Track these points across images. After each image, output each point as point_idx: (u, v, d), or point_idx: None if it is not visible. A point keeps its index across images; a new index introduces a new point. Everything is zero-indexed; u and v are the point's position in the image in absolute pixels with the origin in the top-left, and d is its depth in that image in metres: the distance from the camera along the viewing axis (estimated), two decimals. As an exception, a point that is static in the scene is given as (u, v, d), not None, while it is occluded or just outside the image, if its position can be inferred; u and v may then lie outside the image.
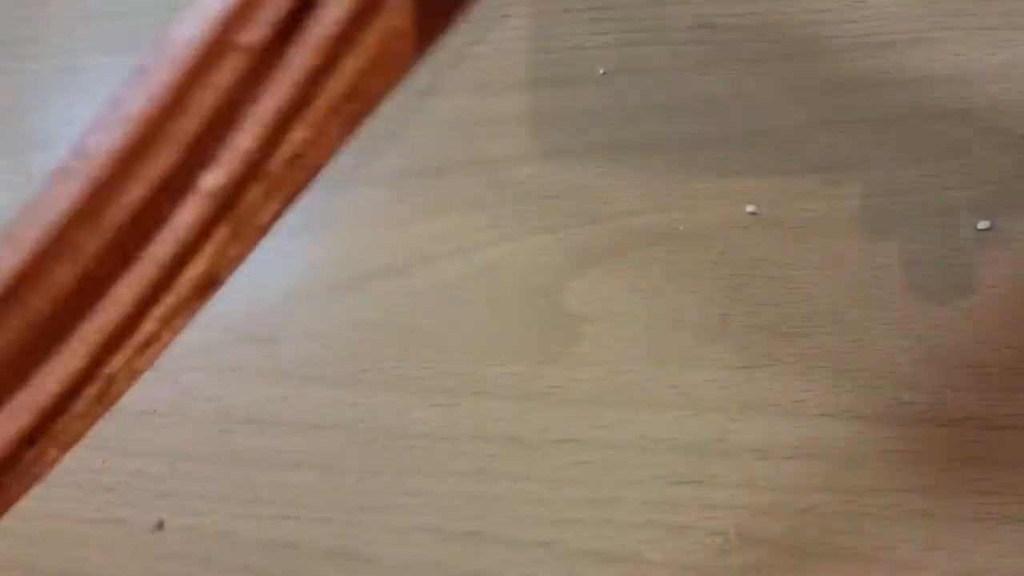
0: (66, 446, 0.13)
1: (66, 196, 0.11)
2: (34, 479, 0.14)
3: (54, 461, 0.14)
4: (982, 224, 0.27)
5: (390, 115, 0.31)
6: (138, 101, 0.11)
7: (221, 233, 0.12)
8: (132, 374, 0.13)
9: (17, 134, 0.33)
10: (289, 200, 0.12)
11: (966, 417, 0.26)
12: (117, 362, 0.13)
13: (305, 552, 0.28)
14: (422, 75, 0.31)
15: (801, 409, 0.27)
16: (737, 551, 0.26)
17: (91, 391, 0.13)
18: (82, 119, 0.37)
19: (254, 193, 0.12)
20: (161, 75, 0.11)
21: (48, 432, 0.13)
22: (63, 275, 0.11)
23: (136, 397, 0.32)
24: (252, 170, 0.11)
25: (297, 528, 0.28)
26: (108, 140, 0.11)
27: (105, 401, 0.13)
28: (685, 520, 0.27)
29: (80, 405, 0.13)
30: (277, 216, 0.12)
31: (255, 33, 0.11)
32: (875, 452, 0.26)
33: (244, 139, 0.11)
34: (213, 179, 0.11)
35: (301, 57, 0.11)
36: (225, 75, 0.11)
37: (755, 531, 0.26)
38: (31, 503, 0.32)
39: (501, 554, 0.27)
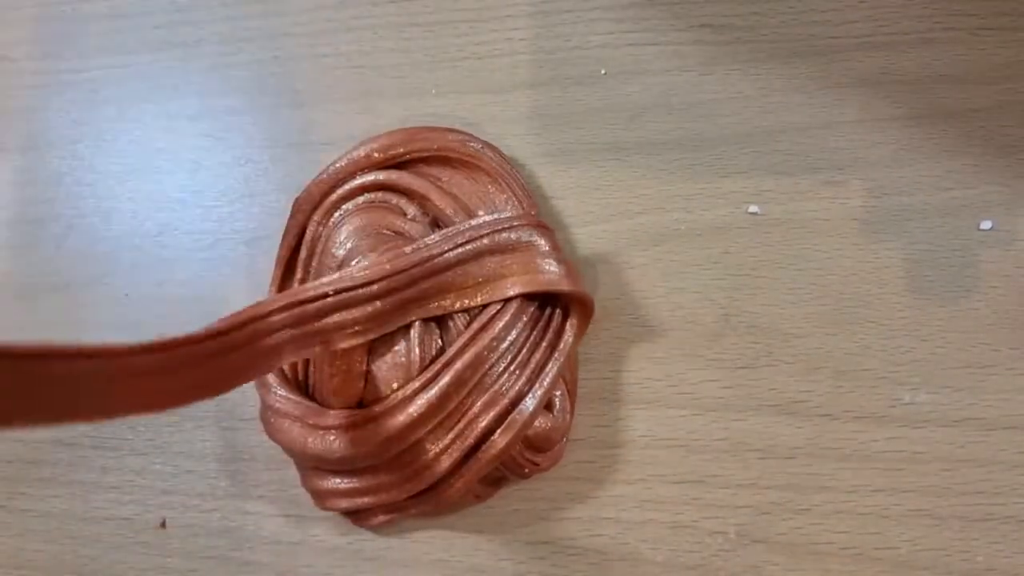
0: None
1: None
2: None
3: None
4: (984, 224, 0.27)
5: (391, 115, 0.31)
6: None
7: None
8: None
9: (19, 135, 0.33)
10: None
11: (967, 417, 0.26)
12: None
13: (309, 549, 0.28)
14: (421, 75, 0.31)
15: (802, 409, 0.27)
16: (737, 550, 0.26)
17: None
18: (84, 120, 0.37)
19: None
20: None
21: None
22: None
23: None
24: None
25: (300, 526, 0.28)
26: None
27: None
28: (685, 519, 0.27)
29: None
30: None
31: None
32: (875, 452, 0.26)
33: None
34: None
35: None
36: None
37: (755, 531, 0.26)
38: (35, 502, 0.32)
39: (500, 552, 0.27)
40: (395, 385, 0.25)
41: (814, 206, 0.28)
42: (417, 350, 0.25)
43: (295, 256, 0.28)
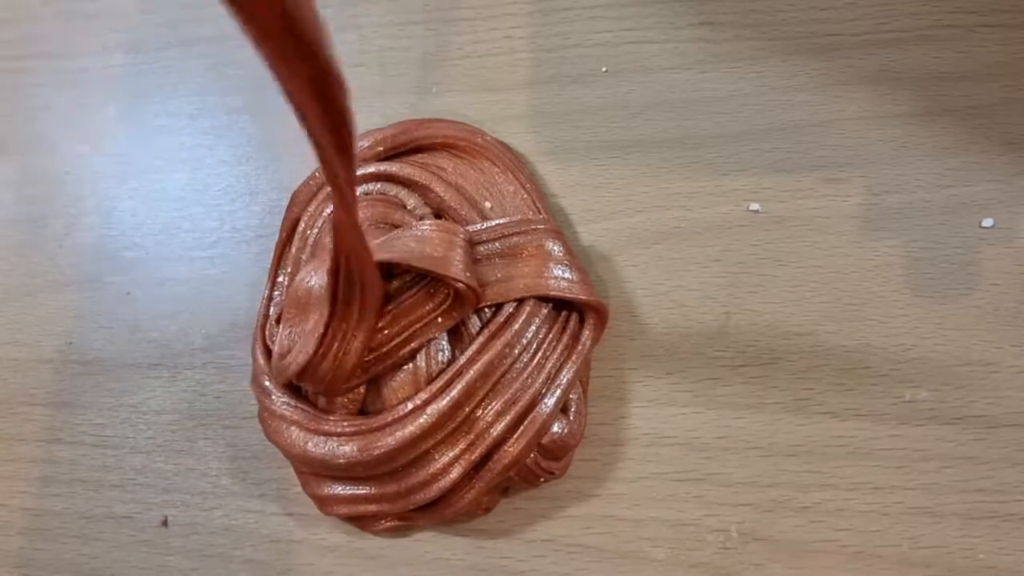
0: None
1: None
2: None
3: None
4: (985, 222, 0.27)
5: (391, 114, 0.31)
6: None
7: None
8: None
9: (20, 135, 0.33)
10: None
11: (967, 415, 0.26)
12: None
13: (310, 548, 0.28)
14: (422, 75, 0.31)
15: (803, 407, 0.27)
16: (739, 548, 0.26)
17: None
18: (84, 120, 0.37)
19: None
20: None
21: None
22: None
23: (140, 396, 0.32)
24: None
25: (301, 525, 0.28)
26: None
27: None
28: (687, 517, 0.27)
29: None
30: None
31: None
32: (877, 450, 0.26)
33: None
34: None
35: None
36: None
37: (757, 528, 0.26)
38: (38, 501, 0.32)
39: (501, 551, 0.27)
40: (401, 395, 0.25)
41: (815, 204, 0.28)
42: (423, 358, 0.25)
43: (288, 249, 0.28)
